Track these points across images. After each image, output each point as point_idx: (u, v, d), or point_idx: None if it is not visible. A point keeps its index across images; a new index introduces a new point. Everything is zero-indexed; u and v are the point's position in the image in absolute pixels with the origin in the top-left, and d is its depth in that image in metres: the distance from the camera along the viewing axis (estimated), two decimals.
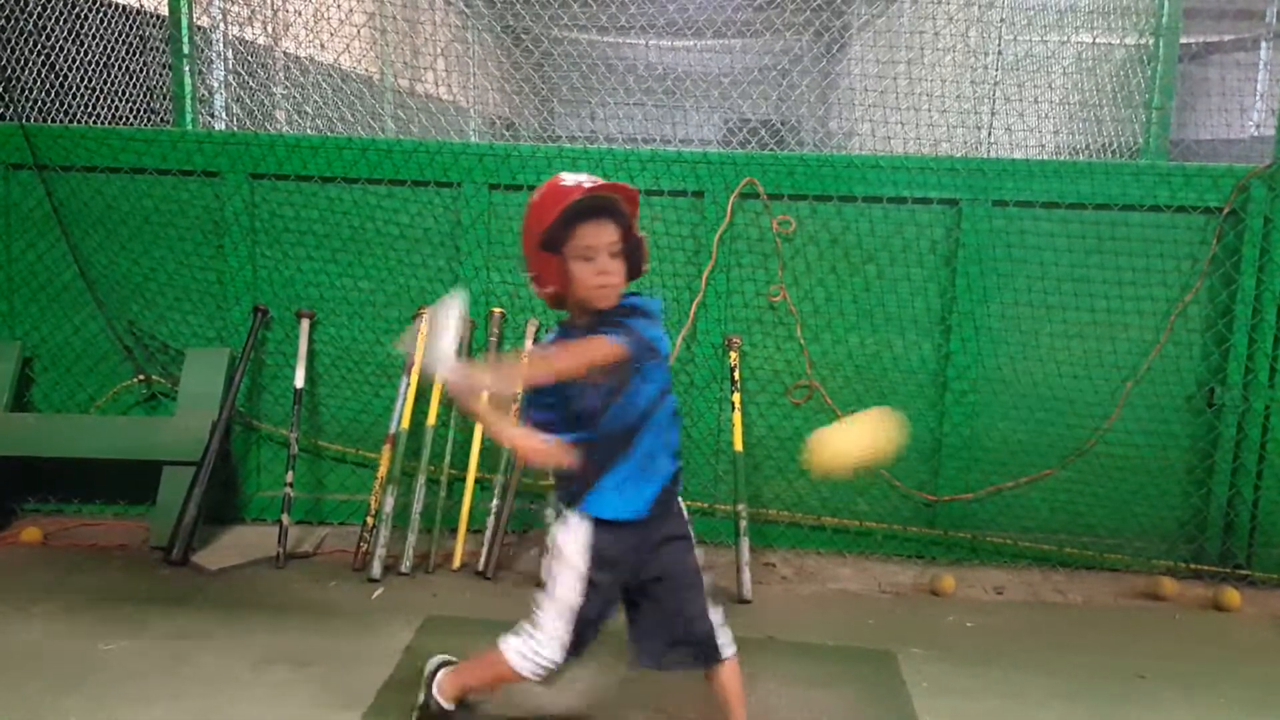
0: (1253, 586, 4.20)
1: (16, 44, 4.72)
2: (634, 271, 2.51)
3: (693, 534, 2.62)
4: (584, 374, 2.36)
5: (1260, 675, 3.43)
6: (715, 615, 2.59)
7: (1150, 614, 3.96)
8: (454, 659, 2.81)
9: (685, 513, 2.63)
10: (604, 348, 2.35)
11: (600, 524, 2.49)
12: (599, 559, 2.50)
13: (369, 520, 4.12)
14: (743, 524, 4.08)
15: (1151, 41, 4.57)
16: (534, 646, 2.53)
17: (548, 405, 2.49)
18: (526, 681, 2.58)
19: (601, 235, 2.42)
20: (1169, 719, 3.10)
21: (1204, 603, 4.07)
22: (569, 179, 2.43)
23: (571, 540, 2.51)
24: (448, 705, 2.71)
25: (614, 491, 2.47)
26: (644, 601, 2.58)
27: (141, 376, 4.54)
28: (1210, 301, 4.26)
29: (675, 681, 2.74)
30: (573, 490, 2.51)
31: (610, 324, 2.41)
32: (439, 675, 2.75)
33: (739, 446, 4.22)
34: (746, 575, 3.97)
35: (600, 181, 2.42)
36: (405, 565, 4.04)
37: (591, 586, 2.50)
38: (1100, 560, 4.32)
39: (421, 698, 2.76)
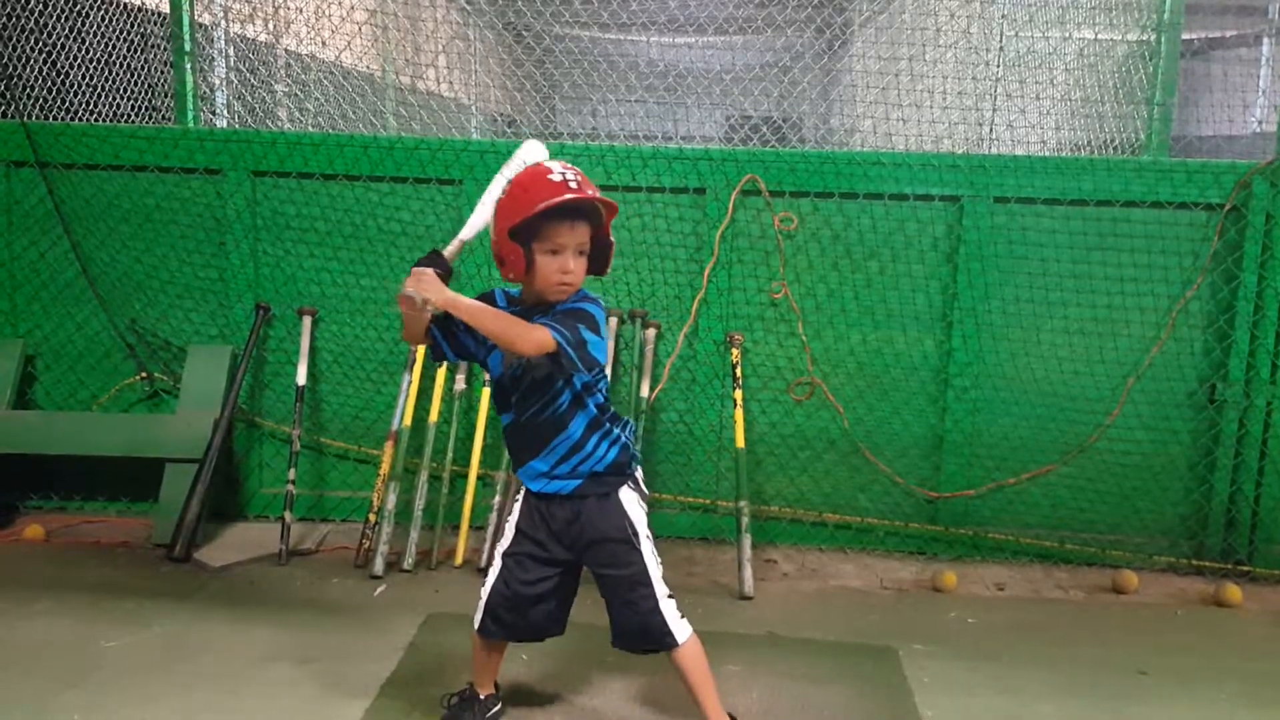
0: (1254, 582, 4.21)
1: (18, 41, 4.72)
2: (596, 270, 2.57)
3: (638, 536, 2.64)
4: (514, 350, 2.47)
5: (1262, 671, 3.43)
6: (666, 607, 2.63)
7: (1151, 610, 3.96)
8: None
9: (632, 515, 2.65)
10: (542, 341, 2.40)
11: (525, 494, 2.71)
12: (516, 526, 2.71)
13: (371, 517, 4.13)
14: (744, 520, 4.08)
15: (1153, 37, 4.56)
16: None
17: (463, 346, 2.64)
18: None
19: (573, 236, 2.46)
20: (1170, 715, 3.10)
21: (1205, 599, 4.07)
22: (554, 172, 2.44)
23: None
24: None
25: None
26: (602, 593, 2.69)
27: (144, 374, 4.55)
28: (1212, 298, 4.26)
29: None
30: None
31: (559, 321, 2.44)
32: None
33: (741, 443, 4.22)
34: (748, 572, 3.97)
35: (584, 188, 2.43)
36: (408, 562, 4.05)
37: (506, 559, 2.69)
38: (1102, 556, 4.32)
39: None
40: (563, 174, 2.43)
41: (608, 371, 3.01)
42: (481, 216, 2.56)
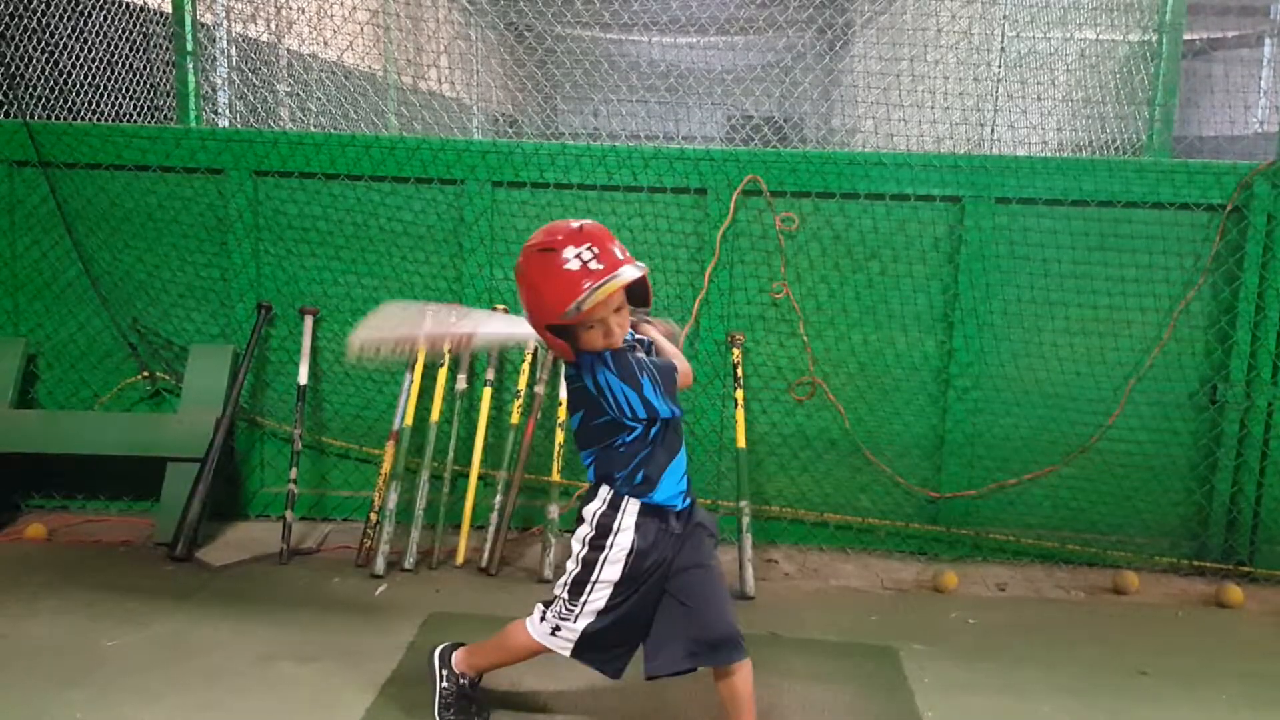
0: (1255, 583, 4.21)
1: (21, 41, 4.73)
2: (638, 303, 2.52)
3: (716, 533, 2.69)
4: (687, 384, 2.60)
5: (1262, 671, 3.43)
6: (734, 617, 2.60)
7: (1153, 611, 3.96)
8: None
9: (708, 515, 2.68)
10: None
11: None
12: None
13: (372, 516, 4.14)
14: (745, 520, 4.09)
15: (1155, 38, 4.56)
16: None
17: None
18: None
19: (610, 305, 2.38)
20: (1170, 715, 3.10)
21: (1206, 599, 4.07)
22: (570, 260, 2.32)
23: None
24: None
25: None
26: (669, 604, 2.59)
27: (145, 373, 4.55)
28: (1213, 298, 4.26)
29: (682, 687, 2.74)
30: None
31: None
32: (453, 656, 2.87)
33: (742, 443, 4.22)
34: (749, 572, 3.97)
35: (606, 263, 2.34)
36: (409, 561, 4.05)
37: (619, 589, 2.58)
38: (1103, 557, 4.32)
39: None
40: (578, 257, 2.32)
41: None
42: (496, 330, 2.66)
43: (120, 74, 5.25)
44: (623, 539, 2.52)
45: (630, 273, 2.34)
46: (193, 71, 4.71)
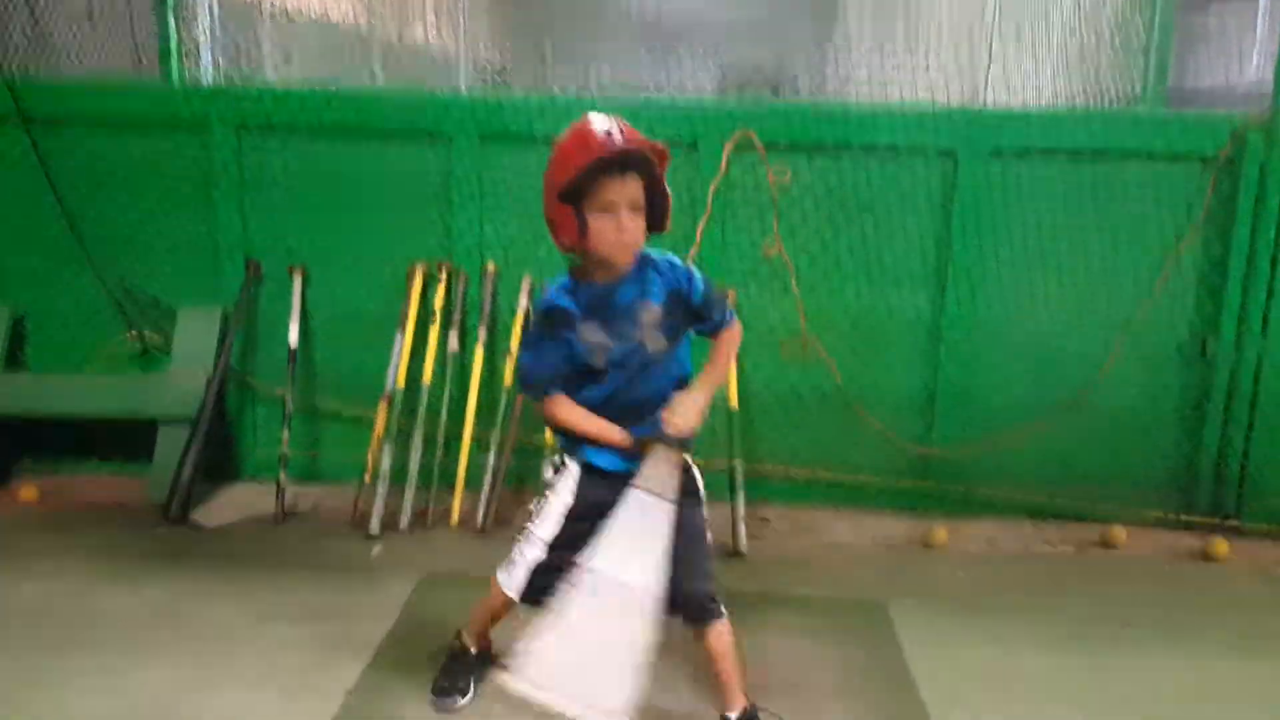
0: (1242, 537, 4.25)
1: None
2: (654, 226, 2.45)
3: (703, 495, 2.59)
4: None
5: (1246, 623, 3.49)
6: (710, 579, 2.56)
7: (1140, 564, 4.01)
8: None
9: (696, 473, 2.59)
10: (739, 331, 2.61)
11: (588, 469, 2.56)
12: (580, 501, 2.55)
13: (366, 478, 4.14)
14: (738, 479, 4.10)
15: None
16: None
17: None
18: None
19: (625, 191, 2.33)
20: (1155, 665, 3.15)
21: (1193, 552, 4.12)
22: (598, 125, 2.31)
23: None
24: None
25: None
26: None
27: (134, 333, 4.52)
28: (1204, 251, 4.25)
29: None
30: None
31: (718, 303, 2.55)
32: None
33: (734, 402, 4.23)
34: (741, 530, 4.00)
35: (633, 137, 2.31)
36: (403, 522, 4.07)
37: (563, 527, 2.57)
38: (1091, 511, 4.36)
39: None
40: (606, 128, 2.31)
41: None
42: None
43: (100, 27, 5.13)
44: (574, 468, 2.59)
45: (657, 145, 2.37)
46: (174, 25, 4.62)
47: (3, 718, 2.64)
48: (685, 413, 2.41)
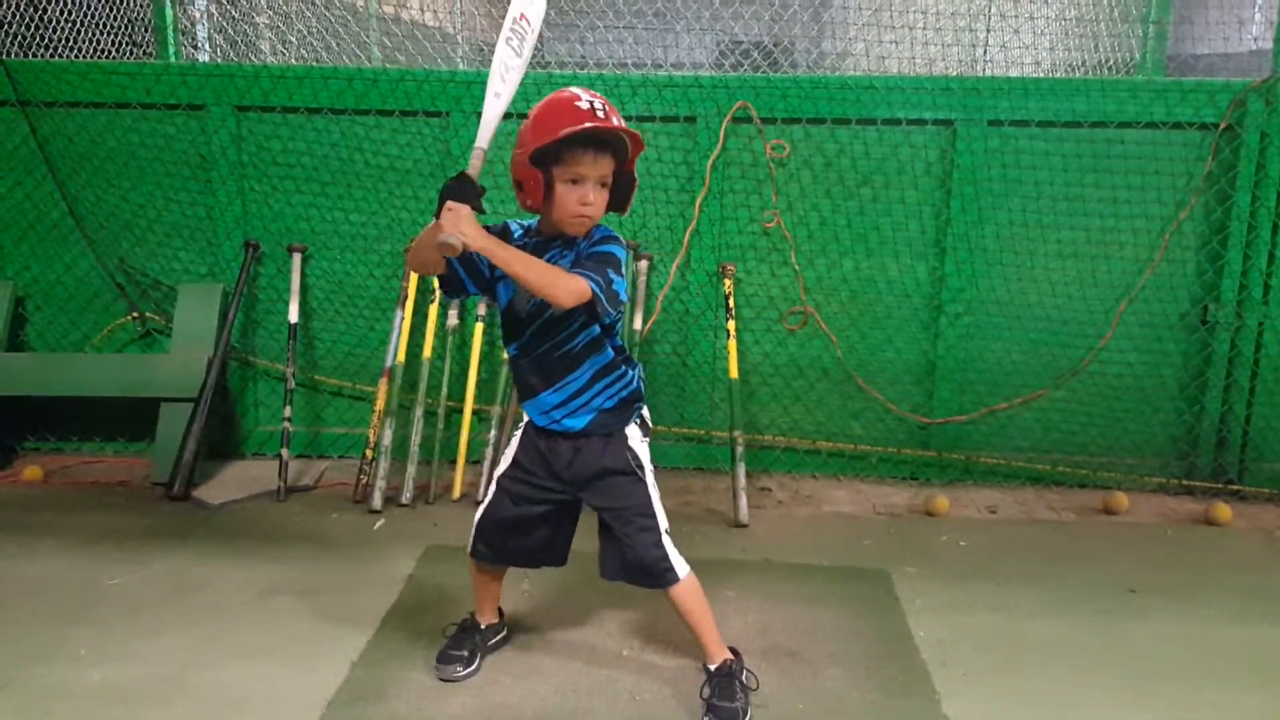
0: (1244, 501, 4.26)
1: None
2: (616, 206, 2.50)
3: (643, 468, 2.62)
4: (551, 299, 2.33)
5: (1249, 586, 3.49)
6: (667, 542, 2.61)
7: (1143, 530, 4.01)
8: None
9: (636, 448, 2.62)
10: (581, 291, 2.31)
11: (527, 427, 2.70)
12: (514, 457, 2.69)
13: (368, 453, 4.15)
14: (739, 450, 4.11)
15: None
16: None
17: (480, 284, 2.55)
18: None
19: (597, 166, 2.38)
20: (1158, 629, 3.15)
21: (1196, 517, 4.12)
22: (582, 99, 2.34)
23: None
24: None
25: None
26: (602, 523, 2.67)
27: (135, 314, 4.53)
28: (1205, 218, 4.24)
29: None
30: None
31: (591, 268, 2.36)
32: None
33: (734, 373, 4.23)
34: (743, 500, 4.01)
35: (611, 117, 2.34)
36: (405, 496, 4.08)
37: (500, 484, 2.70)
38: (1093, 478, 4.37)
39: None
40: (590, 102, 2.33)
41: None
42: (493, 113, 2.37)
43: (97, 9, 5.12)
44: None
45: (634, 133, 2.38)
46: (170, 5, 4.62)
47: (11, 692, 2.65)
48: (455, 220, 2.25)
